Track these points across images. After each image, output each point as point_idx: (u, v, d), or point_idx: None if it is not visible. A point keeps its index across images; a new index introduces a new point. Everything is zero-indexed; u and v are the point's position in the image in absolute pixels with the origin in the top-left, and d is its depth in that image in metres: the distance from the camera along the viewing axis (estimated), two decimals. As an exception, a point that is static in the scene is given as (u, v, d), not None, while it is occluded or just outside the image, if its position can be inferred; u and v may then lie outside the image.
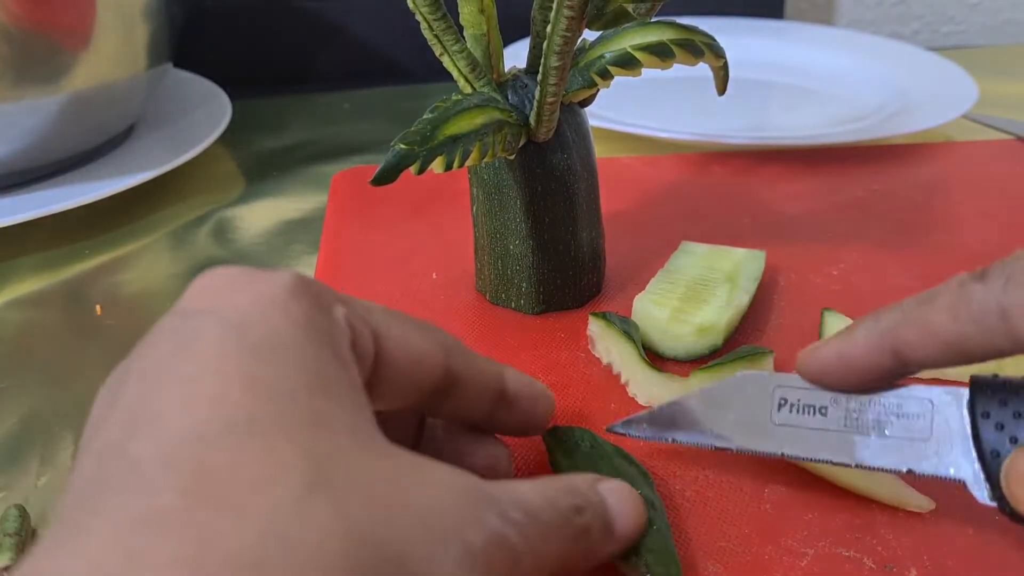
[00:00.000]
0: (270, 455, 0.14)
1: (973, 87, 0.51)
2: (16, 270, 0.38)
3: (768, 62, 0.60)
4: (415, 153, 0.25)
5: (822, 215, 0.40)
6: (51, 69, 0.38)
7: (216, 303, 0.17)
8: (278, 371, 0.16)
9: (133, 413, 0.15)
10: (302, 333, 0.16)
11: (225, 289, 0.17)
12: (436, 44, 0.28)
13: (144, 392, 0.15)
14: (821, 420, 0.20)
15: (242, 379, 0.15)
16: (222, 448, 0.14)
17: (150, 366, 0.16)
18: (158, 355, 0.16)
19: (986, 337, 0.18)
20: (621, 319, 0.29)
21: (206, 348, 0.16)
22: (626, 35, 0.29)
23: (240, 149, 0.50)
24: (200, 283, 0.18)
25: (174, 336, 0.16)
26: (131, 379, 0.16)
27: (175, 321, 0.17)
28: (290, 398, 0.15)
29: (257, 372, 0.15)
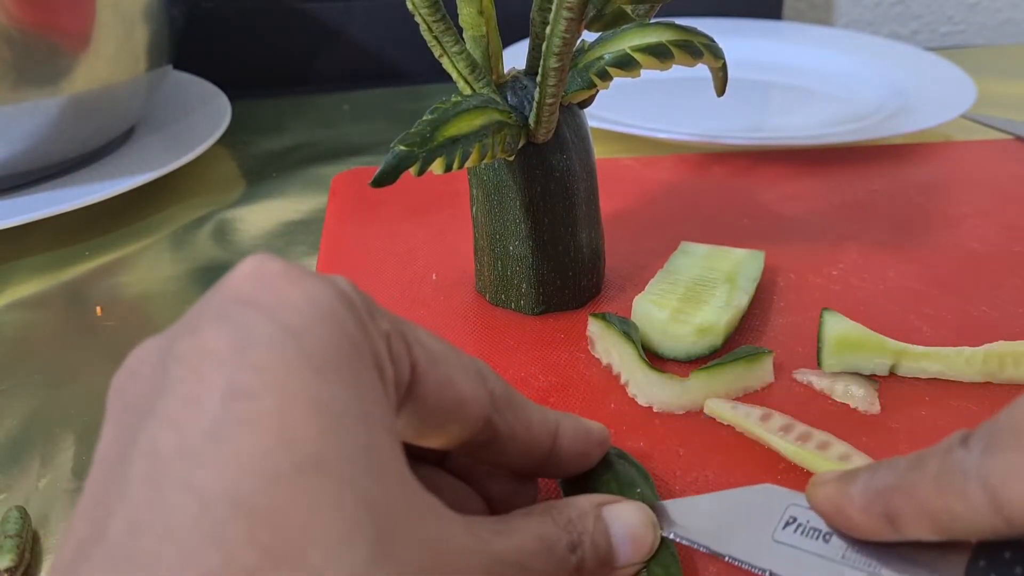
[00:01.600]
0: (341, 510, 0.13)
1: (972, 87, 0.51)
2: (16, 272, 0.38)
3: (767, 63, 0.60)
4: (415, 154, 0.25)
5: (821, 215, 0.40)
6: (51, 71, 0.38)
7: (267, 297, 0.15)
8: (337, 395, 0.14)
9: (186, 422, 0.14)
10: (353, 351, 0.15)
11: (275, 283, 0.15)
12: (435, 45, 0.28)
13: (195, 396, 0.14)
14: (822, 546, 0.19)
15: (307, 403, 0.14)
16: (295, 496, 0.13)
17: (199, 360, 0.14)
18: (208, 347, 0.14)
19: (973, 513, 0.16)
20: (621, 320, 0.29)
21: (265, 355, 0.14)
22: (625, 36, 0.29)
23: (240, 150, 0.50)
24: (247, 270, 0.16)
25: (225, 327, 0.15)
26: (176, 370, 0.14)
27: (224, 307, 0.15)
28: (350, 432, 0.14)
29: (320, 395, 0.14)
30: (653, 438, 0.26)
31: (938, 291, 0.33)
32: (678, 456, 0.25)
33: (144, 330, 0.35)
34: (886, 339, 0.28)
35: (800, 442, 0.24)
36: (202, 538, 0.12)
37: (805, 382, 0.28)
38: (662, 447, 0.25)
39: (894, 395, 0.27)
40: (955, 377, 0.28)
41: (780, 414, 0.26)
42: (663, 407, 0.27)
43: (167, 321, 0.16)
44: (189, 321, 0.15)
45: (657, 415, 0.27)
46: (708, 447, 0.25)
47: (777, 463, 0.24)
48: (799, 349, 0.29)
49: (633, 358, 0.27)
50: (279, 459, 0.13)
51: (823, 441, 0.25)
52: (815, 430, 0.25)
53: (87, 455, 0.27)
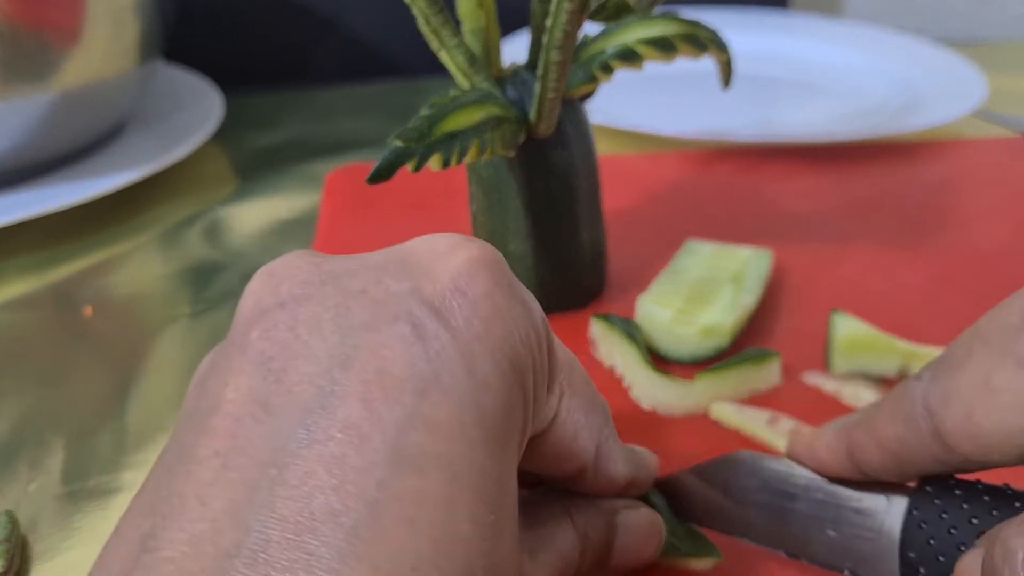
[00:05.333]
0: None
1: (982, 83, 0.50)
2: (4, 272, 0.37)
3: (773, 56, 0.59)
4: (412, 150, 0.24)
5: (829, 213, 0.39)
6: (40, 66, 0.38)
7: (462, 318, 0.13)
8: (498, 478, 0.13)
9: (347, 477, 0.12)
10: (519, 414, 0.14)
11: (478, 302, 0.14)
12: (433, 38, 0.28)
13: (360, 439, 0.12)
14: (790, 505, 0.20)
15: (471, 491, 0.12)
16: None
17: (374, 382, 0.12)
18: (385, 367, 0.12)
19: (919, 440, 0.16)
20: (624, 321, 0.29)
21: (444, 413, 0.12)
22: (628, 29, 0.28)
23: (233, 147, 0.50)
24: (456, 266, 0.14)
25: (411, 348, 0.13)
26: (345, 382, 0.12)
27: (415, 309, 0.13)
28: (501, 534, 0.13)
29: (483, 478, 0.13)
30: (658, 442, 0.25)
31: (948, 291, 0.33)
32: (684, 461, 0.24)
33: (135, 331, 0.35)
34: (896, 340, 0.28)
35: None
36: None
37: (813, 385, 0.27)
38: (667, 451, 0.24)
39: (906, 399, 0.27)
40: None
41: (787, 417, 0.25)
42: (667, 410, 0.26)
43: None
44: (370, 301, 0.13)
45: (661, 419, 0.26)
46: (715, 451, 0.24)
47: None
48: (807, 351, 0.29)
49: (636, 360, 0.27)
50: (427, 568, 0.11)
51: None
52: (823, 434, 0.24)
53: (77, 459, 0.26)
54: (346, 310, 0.13)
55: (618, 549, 0.19)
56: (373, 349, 0.13)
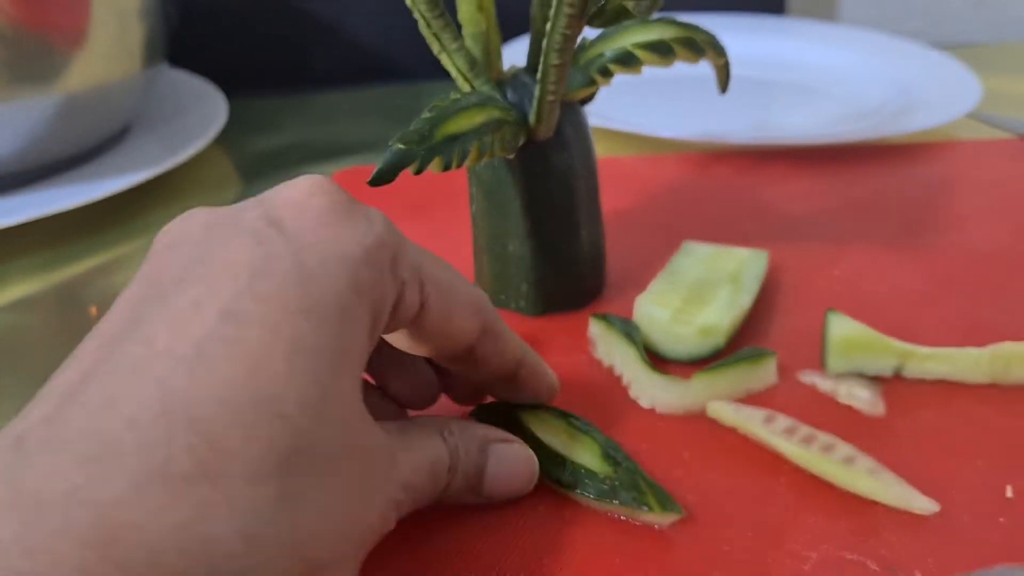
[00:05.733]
0: (270, 448, 0.15)
1: (977, 85, 0.51)
2: (10, 273, 0.37)
3: (770, 60, 0.59)
4: (413, 153, 0.25)
5: (826, 215, 0.39)
6: (45, 69, 0.38)
7: (300, 230, 0.17)
8: (318, 340, 0.16)
9: (184, 326, 0.15)
10: (356, 303, 0.17)
11: (317, 219, 0.17)
12: (434, 42, 0.28)
13: (200, 304, 0.16)
14: None
15: (286, 342, 0.16)
16: (239, 426, 0.15)
17: (220, 270, 0.16)
18: (231, 260, 0.16)
19: None
20: (622, 321, 0.29)
21: (272, 289, 0.16)
22: (627, 33, 0.29)
23: (236, 149, 0.50)
24: (300, 194, 0.18)
25: (253, 250, 0.17)
26: (199, 269, 0.16)
27: (260, 226, 0.17)
28: (314, 377, 0.16)
29: (301, 337, 0.16)
30: (656, 440, 0.25)
31: (944, 291, 0.33)
32: (682, 459, 0.24)
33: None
34: (891, 340, 0.28)
35: (804, 444, 0.24)
36: (156, 438, 0.14)
37: (809, 384, 0.28)
38: (666, 450, 0.25)
39: (899, 397, 0.27)
40: (961, 378, 0.27)
41: (784, 416, 0.26)
42: (665, 409, 0.26)
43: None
44: (231, 219, 0.17)
45: (659, 417, 0.26)
46: (712, 449, 0.25)
47: (781, 466, 0.24)
48: (803, 350, 0.29)
49: (635, 360, 0.27)
50: (241, 392, 0.15)
51: (828, 443, 0.24)
52: (820, 432, 0.25)
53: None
54: (210, 236, 0.17)
55: (489, 477, 0.21)
56: (222, 254, 0.17)
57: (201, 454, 0.14)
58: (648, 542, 0.22)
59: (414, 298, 0.19)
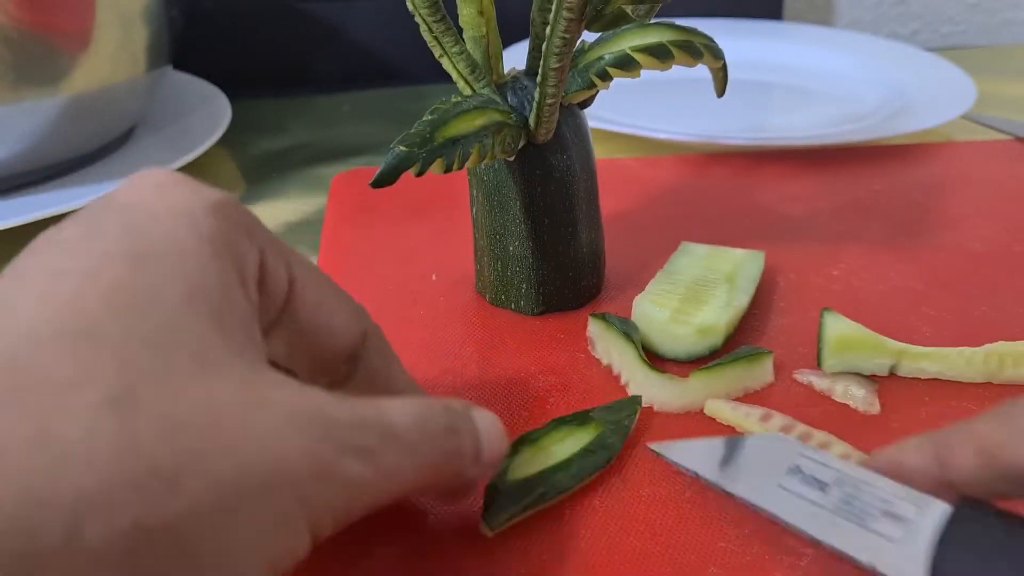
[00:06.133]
0: (86, 365, 0.14)
1: (972, 87, 0.51)
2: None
3: (767, 63, 0.60)
4: (415, 155, 0.25)
5: (822, 215, 0.40)
6: (50, 72, 0.38)
7: (137, 200, 0.17)
8: (152, 281, 0.16)
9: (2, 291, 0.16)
10: (203, 247, 0.17)
11: (153, 189, 0.17)
12: (435, 46, 0.28)
13: (21, 272, 0.16)
14: (819, 495, 0.21)
15: (106, 284, 0.15)
16: (43, 351, 0.14)
17: (46, 246, 0.16)
18: (60, 236, 0.17)
19: None
20: (621, 320, 0.29)
21: (94, 246, 0.16)
22: (625, 36, 0.29)
23: (240, 151, 0.51)
24: (136, 177, 0.18)
25: (81, 224, 0.17)
26: (24, 258, 0.16)
27: (93, 207, 0.17)
28: (145, 311, 0.15)
29: (128, 281, 0.16)
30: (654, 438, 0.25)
31: (938, 291, 0.33)
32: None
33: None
34: (886, 339, 0.28)
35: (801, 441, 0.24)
36: None
37: (805, 382, 0.28)
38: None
39: (894, 395, 0.27)
40: (955, 377, 0.28)
41: (780, 414, 0.26)
42: (663, 407, 0.27)
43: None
44: (73, 215, 0.17)
45: (657, 416, 0.26)
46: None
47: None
48: (799, 349, 0.29)
49: (633, 358, 0.27)
50: (44, 325, 0.15)
51: (823, 441, 0.25)
52: (815, 430, 0.25)
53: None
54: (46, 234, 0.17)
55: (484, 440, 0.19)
56: (51, 235, 0.17)
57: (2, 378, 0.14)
58: (645, 540, 0.22)
59: (280, 271, 0.18)
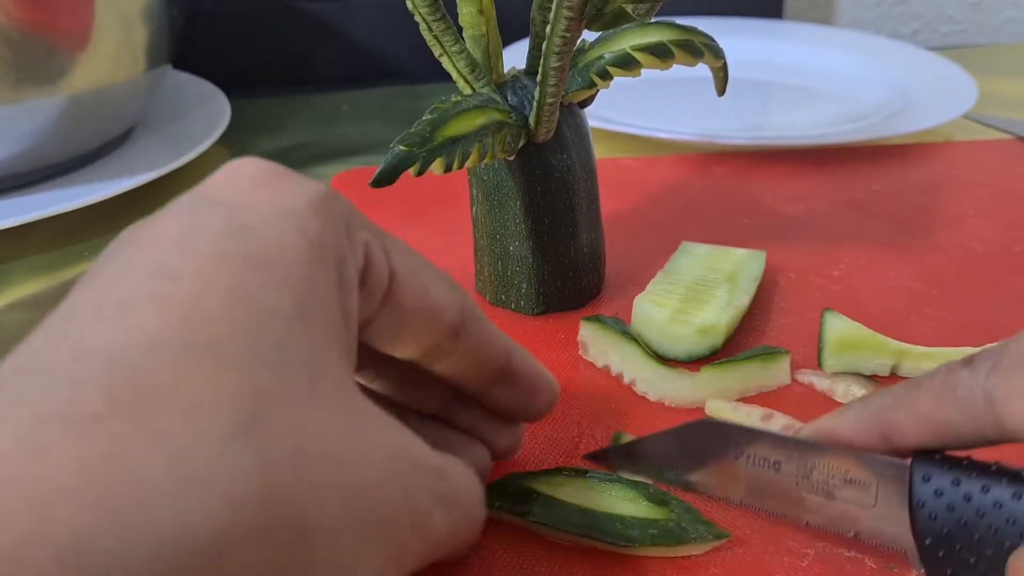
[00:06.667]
0: (214, 384, 0.13)
1: (973, 87, 0.51)
2: (15, 272, 0.38)
3: (767, 62, 0.60)
4: (414, 154, 0.25)
5: (822, 215, 0.40)
6: (50, 71, 0.38)
7: (234, 196, 0.16)
8: (265, 288, 0.15)
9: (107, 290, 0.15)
10: (309, 251, 0.16)
11: (250, 184, 0.17)
12: (435, 45, 0.28)
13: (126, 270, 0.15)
14: (775, 475, 0.21)
15: (224, 290, 0.15)
16: (170, 367, 0.13)
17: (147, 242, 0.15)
18: (160, 232, 0.16)
19: (972, 424, 0.18)
20: (614, 320, 0.29)
21: (202, 245, 0.15)
22: (625, 36, 0.29)
23: (239, 150, 0.50)
24: (230, 169, 0.17)
25: (181, 218, 0.16)
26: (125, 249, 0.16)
27: (190, 201, 0.16)
28: (263, 324, 0.15)
29: (242, 285, 0.15)
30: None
31: (939, 291, 0.33)
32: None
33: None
34: (887, 339, 0.28)
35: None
36: (64, 378, 0.13)
37: (806, 382, 0.28)
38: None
39: (895, 395, 0.27)
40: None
41: (782, 414, 0.26)
42: (674, 402, 0.27)
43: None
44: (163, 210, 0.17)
45: (659, 413, 0.26)
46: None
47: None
48: (800, 349, 0.29)
49: (639, 356, 0.27)
50: (169, 335, 0.14)
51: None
52: (816, 430, 0.25)
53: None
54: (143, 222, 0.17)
55: None
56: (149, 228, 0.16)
57: (119, 394, 0.13)
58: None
59: (381, 264, 0.18)
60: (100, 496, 0.12)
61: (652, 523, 0.21)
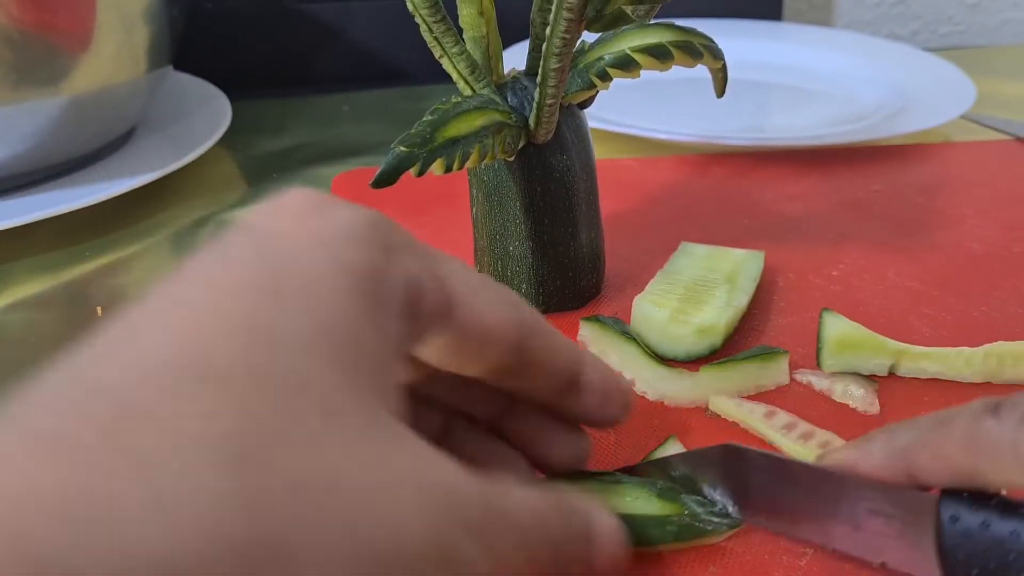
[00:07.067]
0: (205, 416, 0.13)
1: (971, 87, 0.51)
2: (17, 272, 0.38)
3: (767, 63, 0.60)
4: (415, 155, 0.25)
5: (821, 216, 0.40)
6: (52, 72, 0.38)
7: (277, 227, 0.16)
8: (281, 320, 0.15)
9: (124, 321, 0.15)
10: (340, 280, 0.16)
11: (292, 214, 0.16)
12: (436, 46, 0.28)
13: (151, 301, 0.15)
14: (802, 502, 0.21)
15: (237, 320, 0.14)
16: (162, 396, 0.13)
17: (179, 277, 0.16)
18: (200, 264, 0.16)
19: (998, 473, 0.18)
20: (614, 320, 0.29)
21: (227, 278, 0.15)
22: (625, 37, 0.29)
23: (240, 151, 0.51)
24: (275, 199, 0.17)
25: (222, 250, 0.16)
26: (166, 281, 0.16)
27: (241, 233, 0.16)
28: (273, 355, 0.14)
29: (258, 315, 0.15)
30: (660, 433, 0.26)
31: (937, 291, 0.33)
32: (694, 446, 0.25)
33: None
34: (885, 339, 0.28)
35: (802, 441, 0.25)
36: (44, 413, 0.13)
37: (805, 382, 0.28)
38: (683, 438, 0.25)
39: (893, 395, 0.27)
40: (954, 377, 0.28)
41: (785, 412, 0.26)
42: (673, 401, 0.27)
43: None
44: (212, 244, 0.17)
45: (658, 413, 0.27)
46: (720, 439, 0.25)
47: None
48: (799, 349, 0.29)
49: (638, 356, 0.28)
50: (165, 364, 0.14)
51: (825, 441, 0.25)
52: (818, 429, 0.25)
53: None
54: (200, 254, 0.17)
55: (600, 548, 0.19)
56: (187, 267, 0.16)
57: (104, 420, 0.13)
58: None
59: (434, 289, 0.17)
60: (74, 516, 0.12)
61: (667, 520, 0.21)
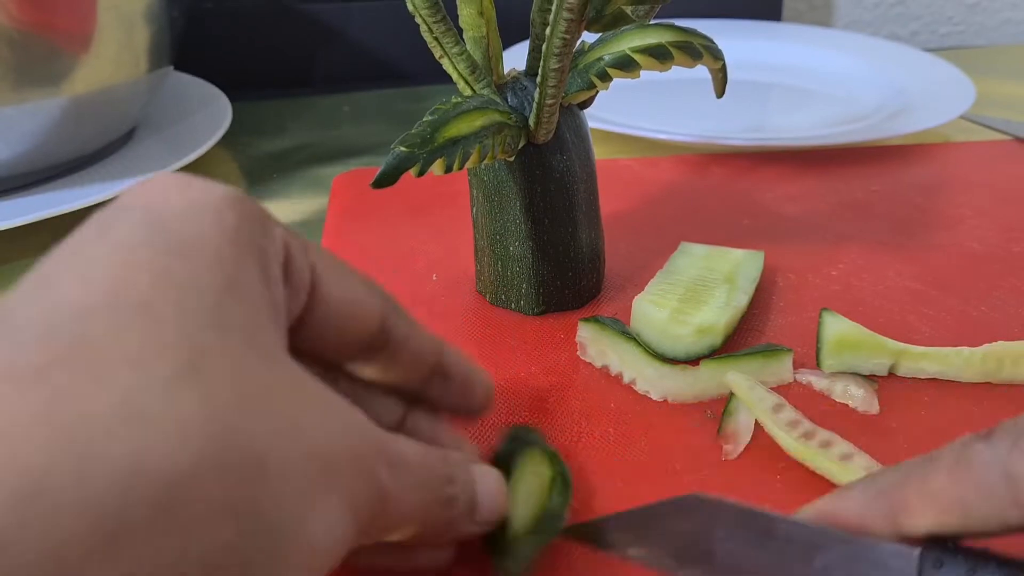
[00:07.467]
0: (152, 337, 0.14)
1: (971, 88, 0.51)
2: (17, 273, 0.38)
3: (766, 64, 0.60)
4: (415, 155, 0.25)
5: (821, 216, 0.40)
6: (52, 72, 0.38)
7: (148, 201, 0.17)
8: (192, 269, 0.15)
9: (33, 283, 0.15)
10: (229, 240, 0.16)
11: (162, 189, 0.17)
12: (436, 46, 0.28)
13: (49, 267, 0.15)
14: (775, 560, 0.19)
15: (150, 269, 0.15)
16: (105, 323, 0.14)
17: (65, 248, 0.16)
18: (76, 239, 0.16)
19: (989, 504, 0.16)
20: (612, 320, 0.29)
21: (121, 236, 0.15)
22: (625, 37, 0.29)
23: (241, 151, 0.51)
24: (141, 183, 0.18)
25: (96, 224, 0.16)
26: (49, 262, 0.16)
27: (104, 212, 0.17)
28: (195, 293, 0.15)
29: (168, 266, 0.15)
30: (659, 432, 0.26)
31: (937, 291, 0.33)
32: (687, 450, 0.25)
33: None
34: (885, 339, 0.28)
35: (804, 440, 0.25)
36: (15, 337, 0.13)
37: (805, 382, 0.28)
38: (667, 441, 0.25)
39: (893, 395, 0.27)
40: (954, 377, 0.28)
41: (792, 408, 0.26)
42: (676, 399, 0.27)
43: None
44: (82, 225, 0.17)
45: (660, 412, 0.27)
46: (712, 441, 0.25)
47: (778, 461, 0.25)
48: (799, 349, 0.30)
49: (639, 355, 0.28)
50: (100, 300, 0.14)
51: (826, 440, 0.25)
52: (820, 428, 0.25)
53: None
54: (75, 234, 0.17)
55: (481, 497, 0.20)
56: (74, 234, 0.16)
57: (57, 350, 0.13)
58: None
59: (302, 259, 0.18)
60: (51, 436, 0.12)
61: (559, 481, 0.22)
